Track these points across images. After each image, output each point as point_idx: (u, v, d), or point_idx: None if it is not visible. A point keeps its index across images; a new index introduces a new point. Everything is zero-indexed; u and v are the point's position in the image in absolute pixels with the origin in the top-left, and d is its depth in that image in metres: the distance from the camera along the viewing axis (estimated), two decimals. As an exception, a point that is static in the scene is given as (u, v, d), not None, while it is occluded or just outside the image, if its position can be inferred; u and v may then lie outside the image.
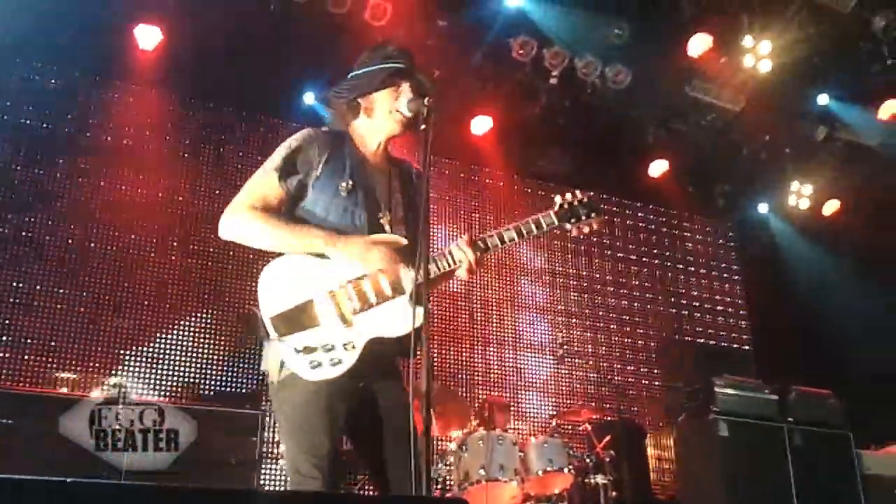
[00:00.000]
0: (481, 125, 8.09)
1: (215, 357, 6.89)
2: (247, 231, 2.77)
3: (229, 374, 6.90)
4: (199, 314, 6.99)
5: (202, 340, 6.92)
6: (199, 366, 6.83)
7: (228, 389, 6.83)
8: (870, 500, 6.53)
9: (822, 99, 8.24)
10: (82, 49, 6.72)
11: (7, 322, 6.35)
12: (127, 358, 6.61)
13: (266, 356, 2.77)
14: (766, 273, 9.83)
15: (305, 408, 2.66)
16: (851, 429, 6.74)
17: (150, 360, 6.69)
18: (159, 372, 6.68)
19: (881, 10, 7.21)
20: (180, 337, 6.87)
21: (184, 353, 6.82)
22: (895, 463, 6.97)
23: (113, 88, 7.28)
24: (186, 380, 6.72)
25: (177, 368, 6.75)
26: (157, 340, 6.77)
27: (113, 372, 6.51)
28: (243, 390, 6.85)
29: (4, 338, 6.31)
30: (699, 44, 7.30)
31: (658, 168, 8.92)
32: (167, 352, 6.76)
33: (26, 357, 6.34)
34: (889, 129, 8.35)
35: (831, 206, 9.47)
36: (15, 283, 6.47)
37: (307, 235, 2.75)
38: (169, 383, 6.67)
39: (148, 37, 6.80)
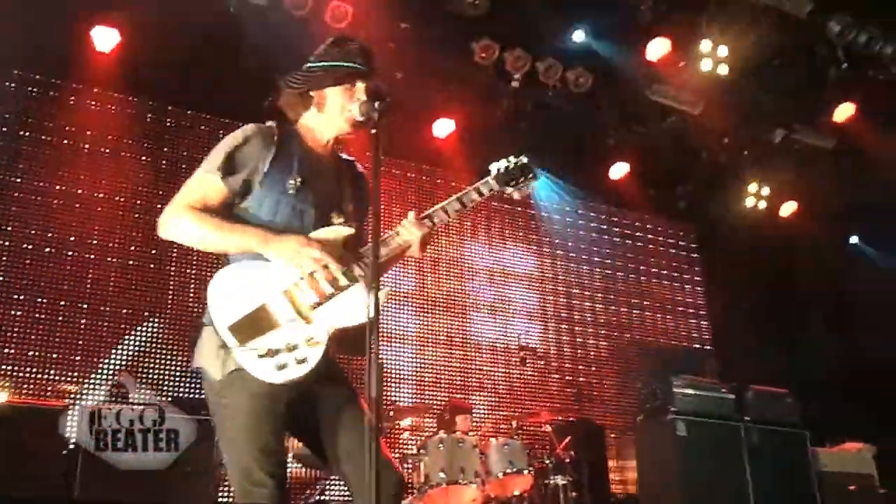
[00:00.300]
0: (443, 128, 8.11)
1: (173, 364, 6.82)
2: (184, 230, 2.69)
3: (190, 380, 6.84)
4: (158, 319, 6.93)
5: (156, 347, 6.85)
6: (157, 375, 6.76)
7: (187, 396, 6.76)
8: (825, 496, 6.65)
9: (778, 102, 8.36)
10: (38, 51, 6.62)
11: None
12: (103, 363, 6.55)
13: (202, 355, 2.68)
14: (725, 274, 9.96)
15: (255, 409, 2.58)
16: (807, 427, 6.86)
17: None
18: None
19: (836, 15, 7.35)
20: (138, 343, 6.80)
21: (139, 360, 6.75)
22: (850, 460, 7.11)
23: (70, 91, 7.17)
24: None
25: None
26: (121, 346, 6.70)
27: (72, 377, 6.43)
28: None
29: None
30: (658, 48, 7.39)
31: (619, 170, 9.01)
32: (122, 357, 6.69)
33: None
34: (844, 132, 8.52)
35: (789, 208, 9.64)
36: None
37: (243, 235, 2.67)
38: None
39: (105, 38, 6.72)
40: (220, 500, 5.84)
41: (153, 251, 7.07)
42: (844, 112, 8.31)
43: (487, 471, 5.89)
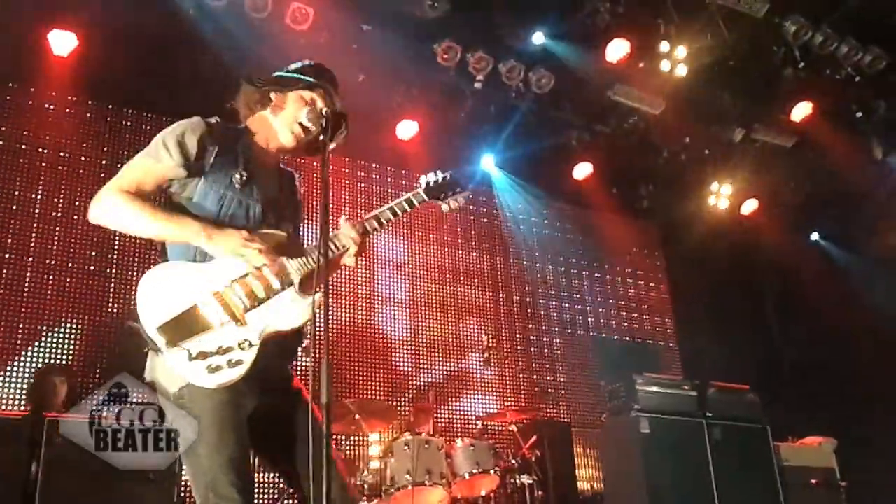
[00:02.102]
0: (407, 129, 8.11)
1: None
2: (118, 214, 2.62)
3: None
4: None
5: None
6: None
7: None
8: (788, 490, 6.74)
9: (736, 101, 8.48)
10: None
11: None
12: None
13: (153, 366, 2.63)
14: (688, 271, 10.07)
15: (217, 420, 2.53)
16: (769, 422, 6.95)
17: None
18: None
19: (792, 15, 7.46)
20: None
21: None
22: (812, 454, 7.21)
23: (27, 95, 7.07)
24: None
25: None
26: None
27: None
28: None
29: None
30: (617, 49, 7.44)
31: (582, 170, 9.07)
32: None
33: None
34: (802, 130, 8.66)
35: (750, 206, 9.78)
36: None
37: (182, 224, 2.62)
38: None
39: (62, 42, 6.62)
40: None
41: (113, 256, 7.00)
42: (802, 111, 8.44)
43: (454, 472, 5.90)
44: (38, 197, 6.92)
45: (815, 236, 10.43)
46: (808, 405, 7.92)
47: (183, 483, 5.28)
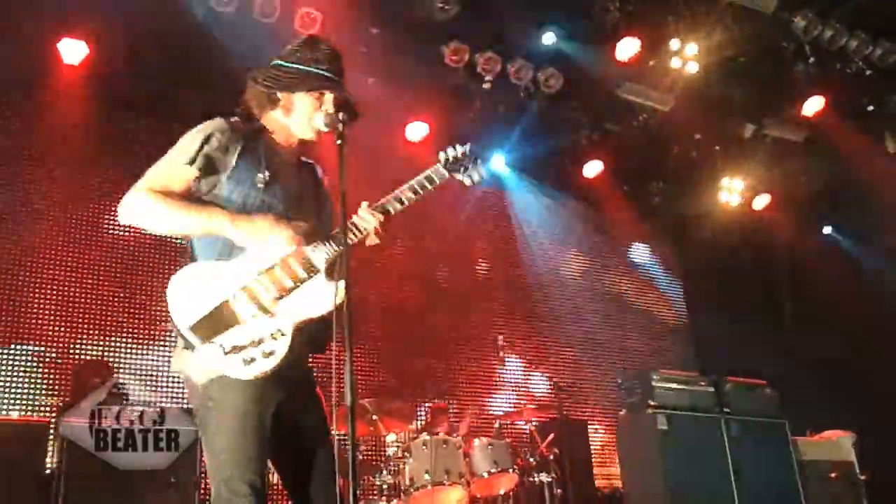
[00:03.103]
0: (417, 131, 8.12)
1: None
2: (148, 213, 2.66)
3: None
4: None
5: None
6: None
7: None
8: (807, 485, 6.72)
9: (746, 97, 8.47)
10: (4, 63, 6.55)
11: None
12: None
13: (182, 359, 2.65)
14: (701, 267, 10.05)
15: (240, 415, 2.56)
16: (787, 417, 6.93)
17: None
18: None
19: (802, 10, 7.45)
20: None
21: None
22: (830, 448, 7.19)
23: (40, 103, 7.10)
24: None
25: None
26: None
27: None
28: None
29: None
30: (627, 48, 7.44)
31: (592, 169, 9.06)
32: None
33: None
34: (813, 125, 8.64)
35: (762, 201, 9.74)
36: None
37: (210, 215, 2.65)
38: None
39: (73, 51, 6.66)
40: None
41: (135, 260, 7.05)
42: (813, 105, 8.40)
43: (472, 471, 5.90)
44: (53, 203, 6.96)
45: (827, 230, 10.38)
46: (825, 399, 7.87)
47: (204, 486, 5.30)
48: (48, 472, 5.10)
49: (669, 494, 6.09)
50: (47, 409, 6.27)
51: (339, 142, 2.70)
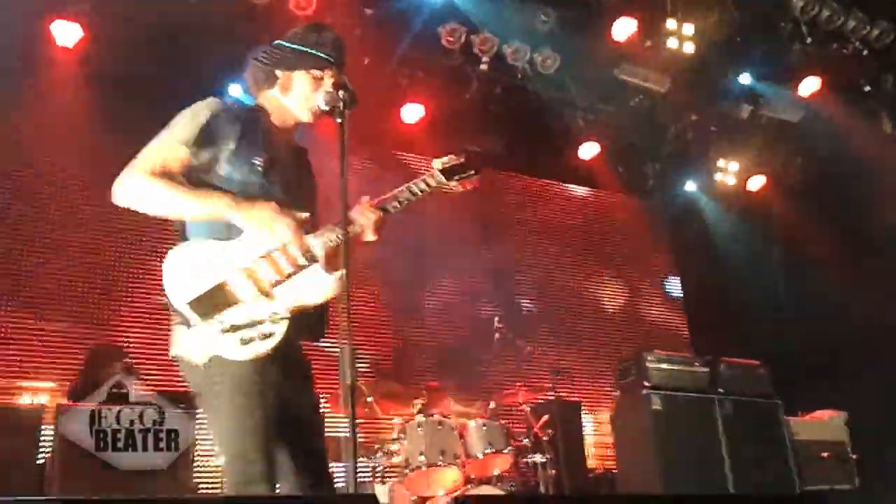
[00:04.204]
0: (412, 113, 8.09)
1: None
2: (146, 196, 2.63)
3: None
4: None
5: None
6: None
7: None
8: (800, 464, 6.79)
9: (745, 78, 8.45)
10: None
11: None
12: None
13: (179, 340, 2.66)
14: (697, 248, 10.07)
15: (245, 389, 2.58)
16: (780, 397, 6.98)
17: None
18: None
19: (798, -10, 7.42)
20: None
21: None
22: (822, 428, 7.25)
23: (33, 86, 7.05)
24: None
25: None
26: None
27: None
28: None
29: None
30: (624, 28, 7.41)
31: (589, 150, 9.04)
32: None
33: None
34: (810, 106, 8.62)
35: (757, 182, 9.74)
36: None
37: (210, 199, 2.64)
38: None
39: (66, 33, 6.61)
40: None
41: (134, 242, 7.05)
42: (810, 86, 8.39)
43: (467, 452, 5.93)
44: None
45: (823, 211, 10.36)
46: (817, 378, 7.91)
47: (196, 472, 5.33)
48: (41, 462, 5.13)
49: (662, 474, 6.14)
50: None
51: (339, 120, 2.71)
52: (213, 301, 2.60)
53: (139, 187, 2.64)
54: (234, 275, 2.64)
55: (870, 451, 7.21)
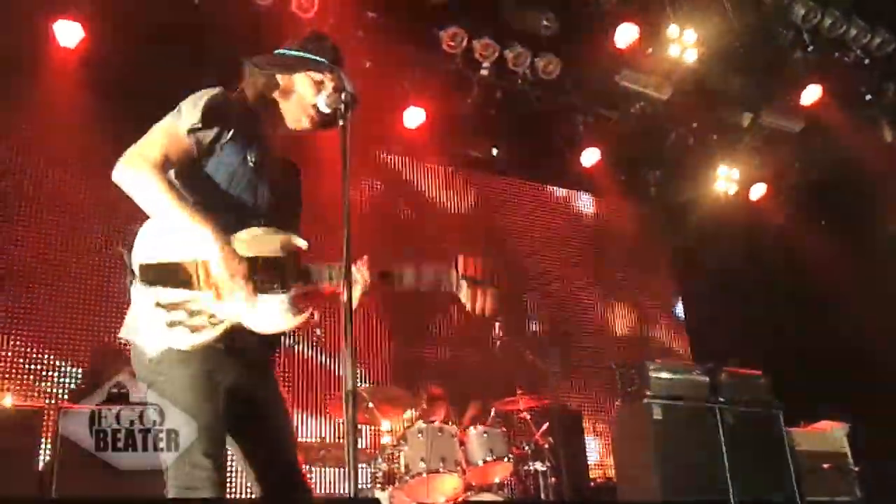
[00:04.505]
0: (414, 117, 8.05)
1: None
2: (141, 189, 2.56)
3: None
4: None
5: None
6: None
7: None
8: (800, 475, 6.73)
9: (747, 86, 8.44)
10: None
11: None
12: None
13: (134, 325, 2.57)
14: (697, 256, 10.04)
15: (195, 385, 2.49)
16: (781, 407, 6.93)
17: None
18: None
19: (800, -1, 7.41)
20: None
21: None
22: (824, 439, 7.20)
23: (35, 87, 7.01)
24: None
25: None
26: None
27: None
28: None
29: None
30: (625, 35, 7.39)
31: (589, 156, 9.01)
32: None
33: None
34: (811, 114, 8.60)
35: (758, 190, 9.72)
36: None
37: (199, 223, 2.53)
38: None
39: (68, 34, 6.56)
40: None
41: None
42: (812, 94, 8.37)
43: (468, 459, 5.90)
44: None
45: (824, 220, 10.35)
46: (819, 389, 7.88)
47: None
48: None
49: (662, 484, 6.09)
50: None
51: (341, 122, 2.61)
52: (168, 273, 2.51)
53: (137, 179, 2.57)
54: (201, 260, 2.53)
55: (871, 464, 7.16)
